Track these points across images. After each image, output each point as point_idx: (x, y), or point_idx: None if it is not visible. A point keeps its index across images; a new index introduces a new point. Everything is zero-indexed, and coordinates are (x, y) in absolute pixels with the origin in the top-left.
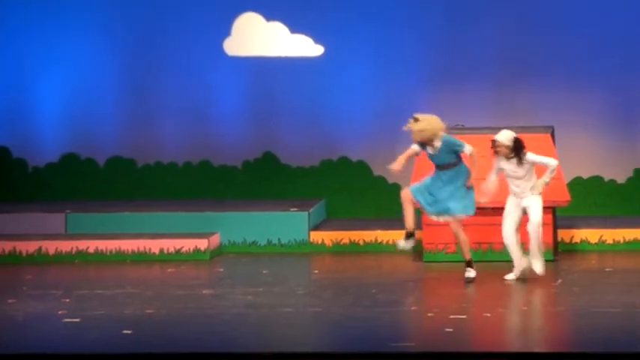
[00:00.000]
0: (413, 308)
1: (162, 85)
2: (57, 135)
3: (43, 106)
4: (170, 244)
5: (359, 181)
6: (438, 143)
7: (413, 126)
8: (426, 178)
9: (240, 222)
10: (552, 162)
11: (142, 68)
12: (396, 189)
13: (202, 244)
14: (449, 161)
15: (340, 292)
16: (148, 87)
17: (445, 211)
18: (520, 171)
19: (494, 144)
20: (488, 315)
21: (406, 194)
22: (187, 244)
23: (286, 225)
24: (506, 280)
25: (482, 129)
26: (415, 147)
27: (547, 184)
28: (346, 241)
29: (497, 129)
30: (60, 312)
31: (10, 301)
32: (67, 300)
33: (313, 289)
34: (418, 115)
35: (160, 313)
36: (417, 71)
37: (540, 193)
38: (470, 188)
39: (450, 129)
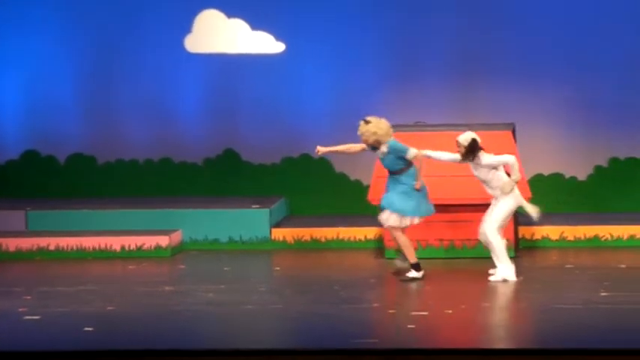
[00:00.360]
0: (375, 305)
1: (123, 82)
2: (18, 132)
3: (3, 103)
4: (132, 241)
5: (320, 178)
6: (384, 148)
7: (364, 128)
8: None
9: (202, 219)
10: (509, 158)
11: (102, 65)
12: (357, 186)
13: (164, 240)
14: (398, 167)
15: (302, 289)
16: (109, 84)
17: (383, 206)
18: (481, 173)
19: (456, 143)
20: (450, 312)
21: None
22: (149, 241)
23: (248, 222)
24: (490, 280)
25: (443, 126)
26: (364, 145)
27: (516, 181)
28: (308, 238)
29: (458, 126)
30: (21, 309)
31: None
32: (28, 297)
33: (275, 286)
34: (369, 118)
35: (121, 310)
36: (377, 69)
37: (510, 192)
38: (420, 190)
39: (411, 126)
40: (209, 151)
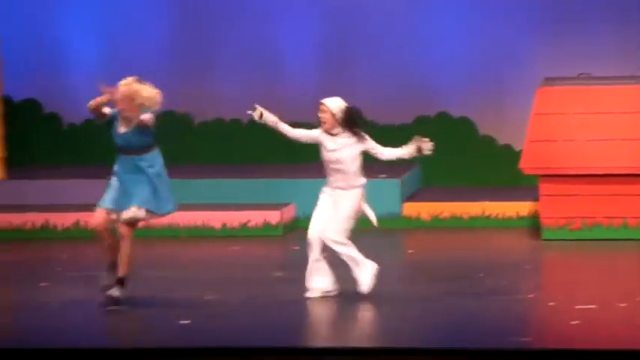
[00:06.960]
0: (530, 296)
1: (220, 28)
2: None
3: (80, 60)
4: (234, 218)
5: (462, 141)
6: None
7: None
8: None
9: (319, 191)
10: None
11: (194, 10)
12: (506, 151)
13: (274, 216)
14: (144, 144)
15: (439, 276)
16: (204, 31)
17: (128, 204)
18: (349, 155)
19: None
20: (624, 305)
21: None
22: (255, 217)
23: (375, 195)
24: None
25: (613, 79)
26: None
27: None
28: (447, 214)
29: (632, 79)
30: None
31: (42, 284)
32: None
33: (407, 272)
34: None
35: (222, 301)
36: (525, 13)
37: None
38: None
39: (573, 79)
40: None
